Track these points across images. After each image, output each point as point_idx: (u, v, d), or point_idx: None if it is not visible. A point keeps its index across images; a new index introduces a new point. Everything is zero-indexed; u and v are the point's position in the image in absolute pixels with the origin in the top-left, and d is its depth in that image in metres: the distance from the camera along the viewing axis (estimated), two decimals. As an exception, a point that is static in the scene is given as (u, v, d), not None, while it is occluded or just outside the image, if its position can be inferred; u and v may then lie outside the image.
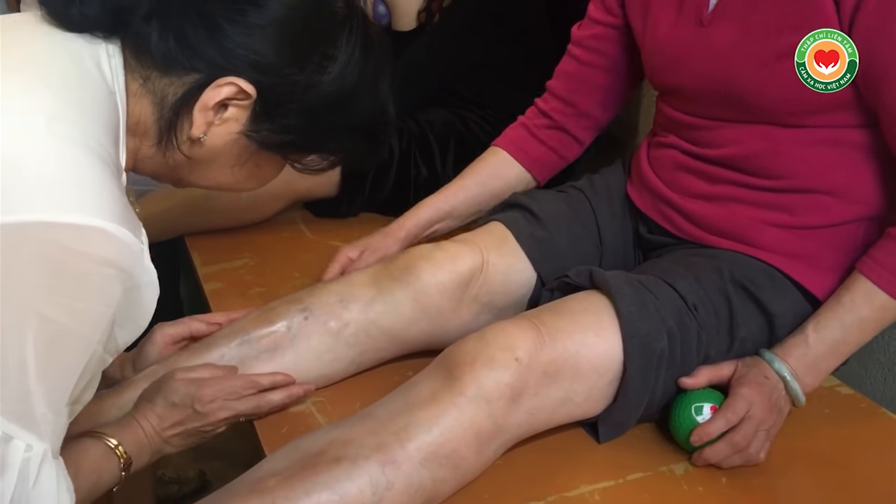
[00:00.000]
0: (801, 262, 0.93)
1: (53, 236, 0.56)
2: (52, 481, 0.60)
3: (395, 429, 0.77)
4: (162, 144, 0.70)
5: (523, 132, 1.19)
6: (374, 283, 0.99)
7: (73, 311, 0.58)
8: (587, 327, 0.85)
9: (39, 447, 0.59)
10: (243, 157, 0.73)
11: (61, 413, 0.61)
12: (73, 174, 0.58)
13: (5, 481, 0.57)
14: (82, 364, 0.60)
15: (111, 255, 0.58)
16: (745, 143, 0.93)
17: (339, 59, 0.71)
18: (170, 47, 0.66)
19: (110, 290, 0.59)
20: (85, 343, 0.60)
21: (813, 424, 0.92)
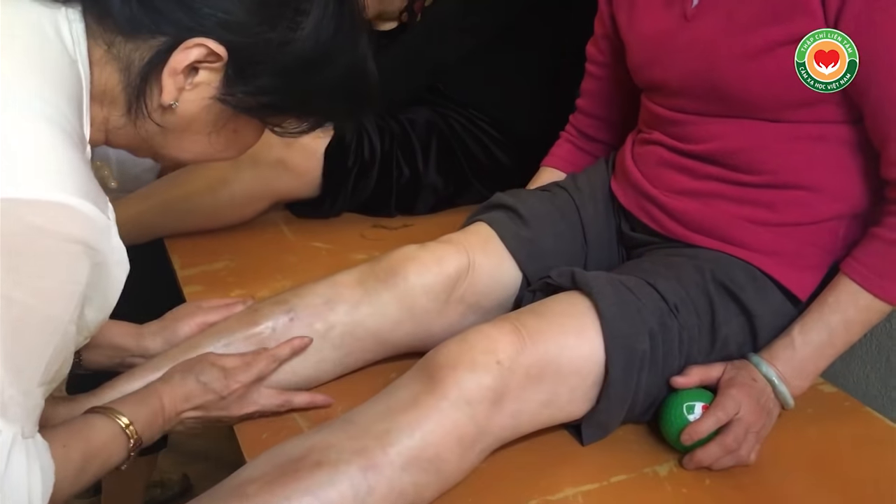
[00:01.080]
0: (782, 261, 0.92)
1: (14, 214, 0.53)
2: (23, 465, 0.57)
3: (377, 433, 0.77)
4: (132, 113, 0.67)
5: (570, 147, 1.23)
6: (360, 284, 0.98)
7: (39, 292, 0.56)
8: (568, 329, 0.85)
9: (8, 431, 0.56)
10: (219, 123, 0.71)
11: (32, 393, 0.58)
12: (33, 148, 0.55)
13: None
14: (52, 345, 0.58)
15: (77, 232, 0.56)
16: (728, 138, 0.93)
17: (312, 14, 0.68)
18: (133, 10, 0.64)
19: (78, 267, 0.57)
20: (53, 324, 0.57)
21: (797, 423, 0.93)
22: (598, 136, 1.21)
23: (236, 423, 0.91)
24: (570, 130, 1.24)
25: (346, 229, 1.39)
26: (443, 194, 1.46)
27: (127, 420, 0.79)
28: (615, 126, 1.19)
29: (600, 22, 1.14)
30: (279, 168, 1.34)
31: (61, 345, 0.59)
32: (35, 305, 0.56)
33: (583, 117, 1.22)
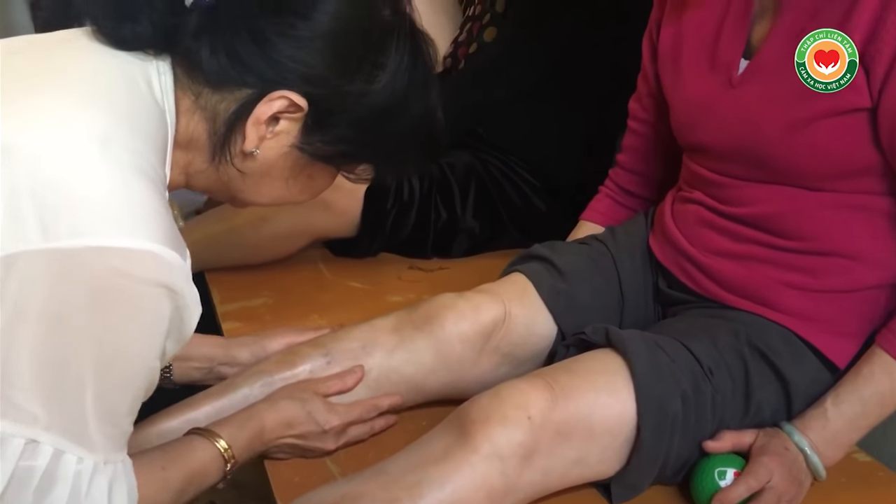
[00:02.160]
0: (820, 327, 0.92)
1: (104, 261, 0.57)
2: (103, 492, 0.63)
3: (408, 484, 0.77)
4: (215, 160, 0.71)
5: (610, 202, 1.24)
6: (397, 330, 1.00)
7: (128, 334, 0.60)
8: (601, 387, 0.85)
9: (90, 460, 0.61)
10: (296, 170, 0.74)
11: (120, 424, 0.64)
12: (123, 197, 0.59)
13: (55, 494, 0.60)
14: (140, 380, 0.63)
15: (161, 277, 0.60)
16: (769, 203, 0.93)
17: (388, 68, 0.72)
18: (221, 63, 0.67)
19: (162, 309, 0.61)
20: (141, 361, 0.62)
21: (828, 492, 0.91)
22: (639, 192, 1.22)
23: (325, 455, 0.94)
24: (610, 185, 1.25)
25: (383, 269, 1.40)
26: (479, 239, 1.47)
27: (226, 444, 0.83)
28: (656, 182, 1.20)
29: (644, 80, 1.15)
30: (320, 207, 1.36)
31: (147, 378, 0.64)
32: (124, 346, 0.60)
33: (623, 173, 1.23)
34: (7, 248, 0.56)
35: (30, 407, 0.59)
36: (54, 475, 0.60)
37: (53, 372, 0.59)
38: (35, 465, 0.60)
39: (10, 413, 0.59)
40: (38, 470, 0.60)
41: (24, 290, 0.56)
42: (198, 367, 1.02)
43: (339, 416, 0.92)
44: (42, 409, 0.59)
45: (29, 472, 0.60)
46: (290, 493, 0.86)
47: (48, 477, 0.60)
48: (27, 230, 0.56)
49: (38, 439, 0.60)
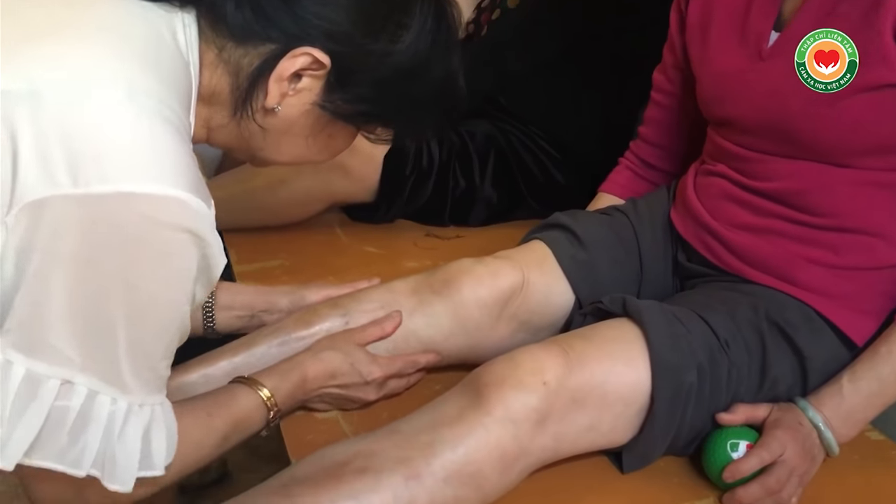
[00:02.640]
0: (840, 304, 0.91)
1: (132, 207, 0.58)
2: (137, 434, 0.64)
3: (421, 444, 0.78)
4: (237, 115, 0.71)
5: (630, 174, 1.23)
6: (415, 293, 1.00)
7: (158, 279, 0.61)
8: (617, 356, 0.85)
9: (124, 401, 0.63)
10: (317, 128, 0.74)
11: (156, 368, 0.65)
12: (149, 144, 0.60)
13: (89, 433, 0.62)
14: (173, 325, 0.64)
15: (187, 223, 0.60)
16: (795, 178, 0.92)
17: (412, 28, 0.72)
18: (246, 18, 0.68)
19: (189, 255, 0.62)
20: (173, 306, 0.63)
21: (841, 469, 0.91)
22: (659, 165, 1.21)
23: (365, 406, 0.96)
24: (631, 158, 1.24)
25: (399, 236, 1.40)
26: (496, 208, 1.47)
27: (269, 393, 0.85)
28: (677, 156, 1.19)
29: (671, 51, 1.14)
30: (339, 171, 1.36)
31: (179, 323, 0.65)
32: (154, 290, 0.61)
33: (644, 145, 1.22)
34: (38, 193, 0.57)
35: (64, 349, 0.60)
36: (88, 415, 0.62)
37: (86, 315, 0.60)
38: (69, 405, 0.61)
39: (46, 355, 0.60)
40: (73, 410, 0.61)
41: (55, 234, 0.57)
42: (239, 316, 1.04)
43: (380, 368, 0.94)
44: (76, 352, 0.60)
45: (64, 412, 0.61)
46: (303, 451, 0.86)
47: (82, 417, 0.62)
48: (57, 175, 0.57)
49: (72, 380, 0.61)
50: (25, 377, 0.60)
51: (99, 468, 0.63)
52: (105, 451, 0.63)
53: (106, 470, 0.63)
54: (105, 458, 0.63)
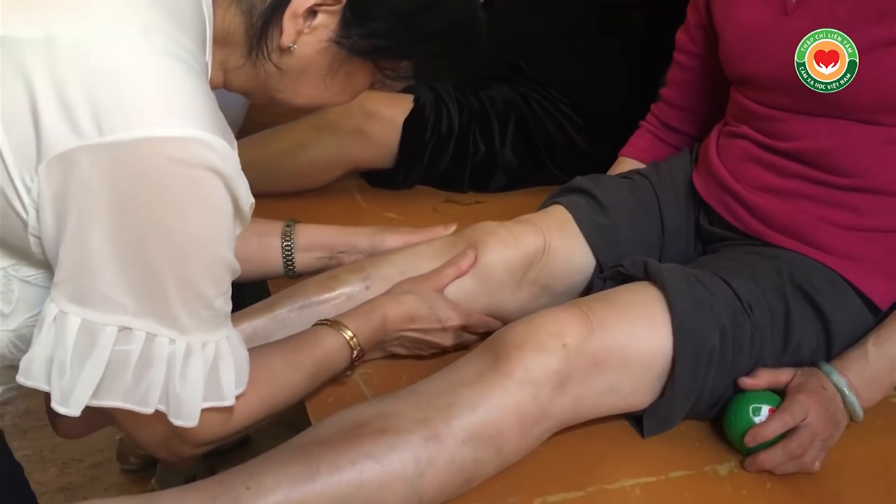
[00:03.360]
0: (864, 267, 0.90)
1: (159, 151, 0.58)
2: (200, 372, 0.66)
3: (440, 406, 0.78)
4: (252, 55, 0.71)
5: (651, 137, 1.22)
6: (439, 257, 1.00)
7: (193, 219, 0.62)
8: (638, 319, 0.84)
9: (182, 341, 0.65)
10: (334, 66, 0.73)
11: (213, 305, 0.66)
12: (170, 86, 0.60)
13: (153, 373, 0.65)
14: (219, 262, 0.65)
15: (214, 163, 0.61)
16: (819, 137, 0.91)
17: None
18: None
19: (219, 193, 0.62)
20: (212, 245, 0.64)
21: (864, 434, 0.90)
22: (681, 128, 1.20)
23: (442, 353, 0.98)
24: (652, 121, 1.23)
25: (419, 202, 1.40)
26: (516, 174, 1.46)
27: (351, 333, 0.88)
28: (700, 118, 1.17)
29: (694, 10, 1.12)
30: (358, 137, 1.35)
31: (224, 260, 0.66)
32: (192, 231, 0.62)
33: (666, 108, 1.21)
34: (65, 144, 0.57)
35: (115, 296, 0.62)
36: (149, 357, 0.64)
37: (131, 262, 0.61)
38: (130, 349, 0.64)
39: (99, 303, 0.62)
40: (134, 354, 0.64)
41: (87, 185, 0.58)
42: (319, 257, 1.06)
43: (459, 316, 0.95)
44: (128, 298, 0.62)
45: (125, 356, 0.64)
46: (323, 414, 0.86)
47: (144, 359, 0.64)
48: (81, 125, 0.57)
49: (130, 326, 0.63)
50: (82, 327, 0.62)
51: (164, 404, 0.66)
52: (168, 388, 0.66)
53: (171, 406, 0.66)
54: (169, 396, 0.66)
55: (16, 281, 0.67)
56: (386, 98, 1.41)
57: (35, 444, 1.78)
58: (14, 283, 0.67)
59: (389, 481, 0.74)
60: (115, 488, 1.70)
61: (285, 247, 1.04)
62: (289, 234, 1.05)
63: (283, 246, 1.04)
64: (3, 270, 0.66)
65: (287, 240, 1.04)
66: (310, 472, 0.73)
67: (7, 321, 0.68)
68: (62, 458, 1.78)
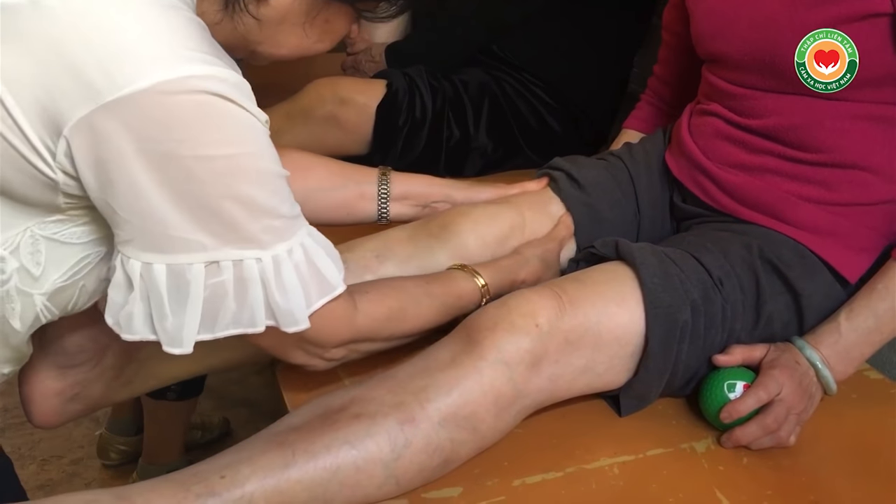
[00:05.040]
0: (834, 241, 0.91)
1: (170, 93, 0.59)
2: (293, 276, 0.69)
3: (415, 389, 0.78)
4: (229, 8, 0.71)
5: (651, 109, 1.24)
6: (412, 239, 1.00)
7: (223, 143, 0.63)
8: (609, 297, 0.84)
9: (268, 256, 0.67)
10: (312, 13, 0.73)
11: (281, 214, 0.68)
12: (166, 28, 0.61)
13: (252, 294, 0.68)
14: (269, 174, 0.67)
15: (219, 88, 0.62)
16: (787, 114, 0.91)
17: None
18: None
19: (235, 112, 0.63)
20: (255, 159, 0.65)
21: (839, 408, 0.91)
22: (675, 103, 1.20)
23: None
24: (650, 94, 1.25)
25: (394, 188, 1.39)
26: (491, 158, 1.45)
27: (484, 281, 0.91)
28: (691, 94, 1.17)
29: None
30: (331, 123, 1.35)
31: (274, 168, 0.67)
32: (230, 154, 0.64)
33: (659, 84, 1.23)
34: (82, 109, 0.59)
35: (188, 236, 0.64)
36: (244, 280, 0.67)
37: (190, 202, 0.63)
38: (223, 279, 0.67)
39: (176, 247, 0.65)
40: (228, 283, 0.67)
41: (115, 143, 0.60)
42: (414, 205, 1.08)
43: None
44: (202, 235, 0.65)
45: (221, 287, 0.67)
46: (300, 401, 0.86)
47: (239, 284, 0.67)
48: (92, 86, 0.58)
49: (215, 259, 0.66)
50: (169, 272, 0.65)
51: (272, 319, 0.69)
52: (271, 303, 0.68)
53: (280, 318, 0.69)
54: (274, 309, 0.69)
55: (42, 241, 0.68)
56: (359, 84, 1.40)
57: (14, 441, 1.77)
58: (41, 242, 0.68)
59: (365, 465, 0.74)
60: (95, 484, 1.69)
61: (381, 193, 1.05)
62: (385, 181, 1.06)
63: (378, 192, 1.05)
64: (29, 230, 0.67)
65: (383, 186, 1.06)
66: (285, 459, 0.72)
67: (39, 283, 0.70)
68: (41, 455, 1.77)
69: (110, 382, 0.93)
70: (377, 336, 0.82)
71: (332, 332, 0.76)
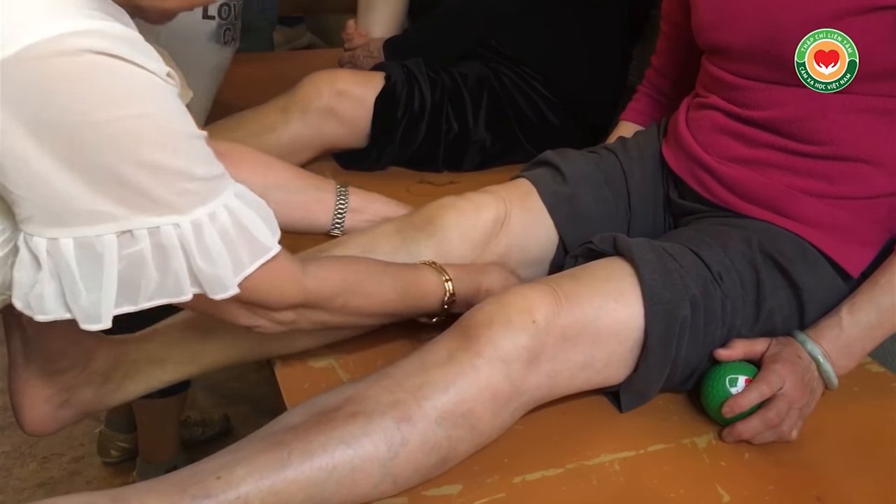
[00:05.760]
0: (835, 235, 0.90)
1: (46, 54, 0.56)
2: (217, 239, 0.65)
3: (412, 387, 0.77)
4: None
5: (649, 100, 1.22)
6: (398, 233, 0.99)
7: (114, 104, 0.59)
8: (607, 293, 0.83)
9: (186, 221, 0.64)
10: None
11: (194, 177, 0.64)
12: None
13: (174, 263, 0.64)
14: (173, 134, 0.62)
15: (100, 46, 0.58)
16: (789, 106, 0.90)
17: None
18: None
19: (124, 70, 0.59)
20: (154, 118, 0.61)
21: (841, 402, 0.91)
22: (673, 95, 1.19)
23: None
24: (647, 86, 1.24)
25: (392, 183, 1.38)
26: (490, 151, 1.44)
27: (449, 277, 0.90)
28: (689, 86, 1.16)
29: None
30: (328, 116, 1.33)
31: (181, 129, 0.63)
32: (123, 115, 0.60)
33: (657, 76, 1.22)
34: None
35: (96, 207, 0.61)
36: (163, 248, 0.64)
37: (87, 170, 0.60)
38: (139, 248, 0.63)
39: (85, 219, 0.61)
40: (146, 251, 0.63)
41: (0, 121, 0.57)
42: (369, 220, 1.08)
43: None
44: (108, 204, 0.61)
45: (139, 256, 0.63)
46: (299, 400, 0.85)
47: (159, 251, 0.64)
48: None
49: (127, 228, 0.62)
50: (78, 246, 0.62)
51: (198, 286, 0.66)
52: (194, 270, 0.65)
53: (205, 284, 0.66)
54: (199, 276, 0.66)
55: None
56: (356, 76, 1.39)
57: (13, 440, 1.77)
58: None
59: (362, 464, 0.73)
60: (96, 482, 1.69)
61: (339, 205, 1.05)
62: (343, 193, 1.06)
63: (336, 204, 1.05)
64: None
65: (342, 199, 1.05)
66: (281, 459, 0.72)
67: None
68: (42, 453, 1.76)
69: (99, 388, 0.92)
70: (330, 304, 0.79)
71: (278, 294, 0.73)
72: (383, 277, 0.84)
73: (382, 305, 0.84)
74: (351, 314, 0.83)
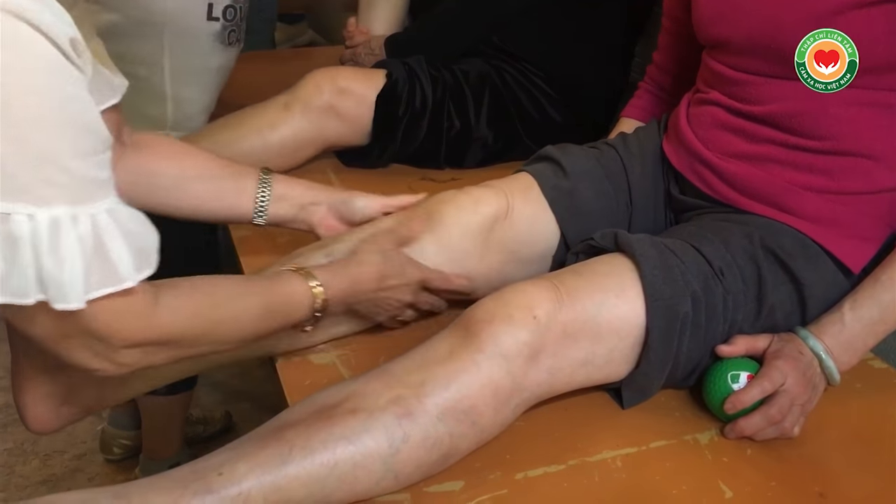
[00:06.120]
0: (836, 231, 0.90)
1: None
2: (75, 247, 0.59)
3: (413, 383, 0.77)
4: None
5: (650, 97, 1.22)
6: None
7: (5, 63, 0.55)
8: (608, 289, 0.83)
9: (43, 214, 0.58)
10: None
11: (71, 169, 0.59)
12: None
13: (21, 256, 0.58)
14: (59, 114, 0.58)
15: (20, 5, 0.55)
16: (790, 100, 0.90)
17: None
18: None
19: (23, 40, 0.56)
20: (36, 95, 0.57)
21: (844, 398, 0.90)
22: (675, 91, 1.19)
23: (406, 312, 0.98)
24: (649, 82, 1.24)
25: (394, 180, 1.38)
26: (492, 149, 1.44)
27: (318, 282, 0.84)
28: (690, 82, 1.16)
29: None
30: (330, 114, 1.33)
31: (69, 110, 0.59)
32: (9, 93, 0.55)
33: (658, 72, 1.22)
34: None
35: None
36: (11, 238, 0.57)
37: None
38: None
39: None
40: None
41: None
42: (291, 206, 1.04)
43: (418, 270, 0.94)
44: None
45: None
46: (300, 396, 0.85)
47: (7, 241, 0.58)
48: None
49: None
50: None
51: (43, 291, 0.59)
52: (42, 271, 0.59)
53: (51, 290, 0.59)
54: (45, 279, 0.59)
55: None
56: (358, 74, 1.39)
57: (15, 437, 1.77)
58: None
59: (363, 461, 0.73)
60: (98, 479, 1.69)
61: (259, 192, 1.02)
62: (266, 181, 1.04)
63: (257, 192, 1.02)
64: None
65: (264, 187, 1.03)
66: (282, 455, 0.72)
67: None
68: (44, 450, 1.77)
69: (101, 385, 0.92)
70: (183, 339, 0.71)
71: (123, 329, 0.66)
72: (241, 297, 0.77)
73: (245, 329, 0.78)
74: (208, 345, 0.76)
